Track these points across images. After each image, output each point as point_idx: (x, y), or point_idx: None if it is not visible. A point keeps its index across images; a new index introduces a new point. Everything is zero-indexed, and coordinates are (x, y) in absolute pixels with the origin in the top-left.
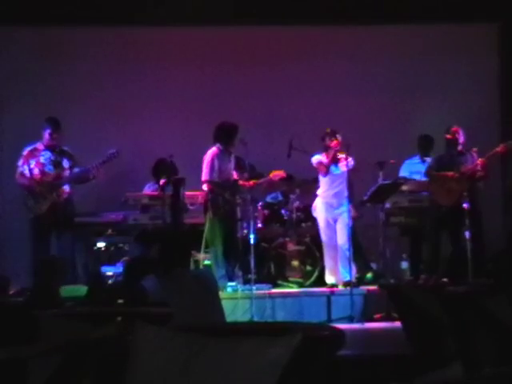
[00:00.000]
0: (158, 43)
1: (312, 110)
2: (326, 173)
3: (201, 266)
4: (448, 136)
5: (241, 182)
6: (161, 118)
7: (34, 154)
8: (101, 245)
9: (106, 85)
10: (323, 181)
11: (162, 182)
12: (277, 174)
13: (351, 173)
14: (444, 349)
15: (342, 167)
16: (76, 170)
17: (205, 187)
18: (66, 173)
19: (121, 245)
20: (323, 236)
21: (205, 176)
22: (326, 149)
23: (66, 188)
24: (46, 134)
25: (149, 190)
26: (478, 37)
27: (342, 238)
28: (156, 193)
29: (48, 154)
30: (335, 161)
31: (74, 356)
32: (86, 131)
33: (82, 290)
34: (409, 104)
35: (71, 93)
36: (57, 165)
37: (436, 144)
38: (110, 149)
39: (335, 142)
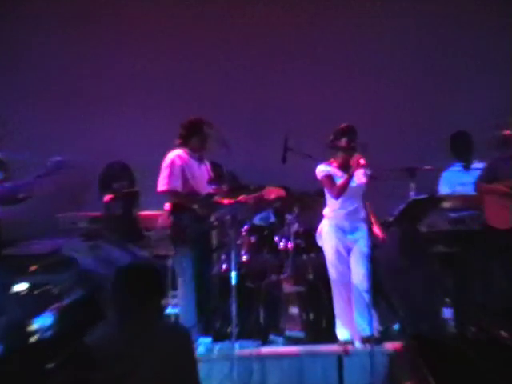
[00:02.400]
0: (119, 28)
1: (312, 101)
2: (339, 194)
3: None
4: (507, 132)
5: (218, 198)
6: (119, 119)
7: None
8: (21, 287)
9: (54, 77)
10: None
11: (106, 197)
12: (272, 191)
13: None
14: None
15: (359, 178)
16: (7, 185)
17: (167, 205)
18: None
19: (49, 287)
20: (332, 272)
21: (161, 185)
22: (338, 151)
23: None
24: None
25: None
26: None
27: (358, 274)
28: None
29: None
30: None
31: None
32: (29, 134)
33: None
34: (440, 91)
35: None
36: None
37: (478, 147)
38: (55, 156)
39: (357, 158)
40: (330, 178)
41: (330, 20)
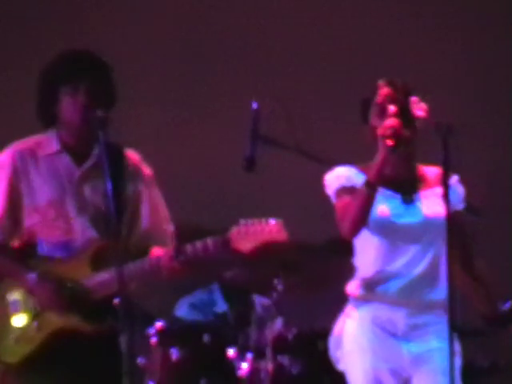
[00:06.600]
0: None
1: (310, 41)
2: (352, 221)
3: None
4: None
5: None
6: None
7: None
8: None
9: None
10: (366, 249)
11: None
12: (251, 234)
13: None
14: None
15: (432, 203)
16: None
17: None
18: None
19: None
20: None
21: None
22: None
23: None
24: None
25: None
26: None
27: None
28: None
29: None
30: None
31: None
32: None
33: None
34: None
35: None
36: None
37: None
38: None
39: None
40: (349, 192)
41: None
